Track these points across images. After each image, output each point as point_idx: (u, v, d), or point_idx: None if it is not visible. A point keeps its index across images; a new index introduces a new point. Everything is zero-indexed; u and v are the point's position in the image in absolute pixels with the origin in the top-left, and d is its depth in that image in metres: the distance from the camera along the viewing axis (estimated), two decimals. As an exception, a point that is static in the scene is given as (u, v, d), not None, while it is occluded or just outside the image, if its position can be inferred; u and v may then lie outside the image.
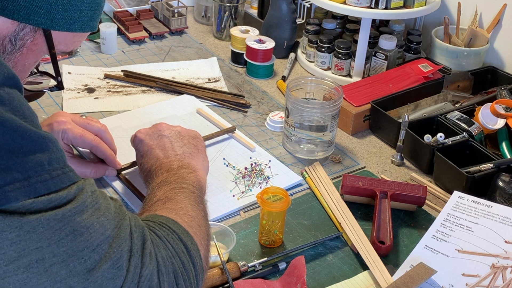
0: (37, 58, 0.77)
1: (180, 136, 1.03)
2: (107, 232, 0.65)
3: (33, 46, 0.74)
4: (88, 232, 0.63)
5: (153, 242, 0.70)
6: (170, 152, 0.99)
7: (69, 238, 0.62)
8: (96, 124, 1.11)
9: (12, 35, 0.72)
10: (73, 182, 0.64)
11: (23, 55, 0.74)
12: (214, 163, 1.20)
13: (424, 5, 1.44)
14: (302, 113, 1.22)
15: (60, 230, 0.61)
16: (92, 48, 1.61)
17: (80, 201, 0.64)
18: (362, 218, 1.09)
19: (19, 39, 0.72)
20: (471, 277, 0.93)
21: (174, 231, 0.75)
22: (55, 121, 1.07)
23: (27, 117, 0.62)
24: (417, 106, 1.37)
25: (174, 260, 0.71)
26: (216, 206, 1.09)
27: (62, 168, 0.64)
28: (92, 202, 0.65)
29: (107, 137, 1.12)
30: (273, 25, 1.61)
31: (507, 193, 1.07)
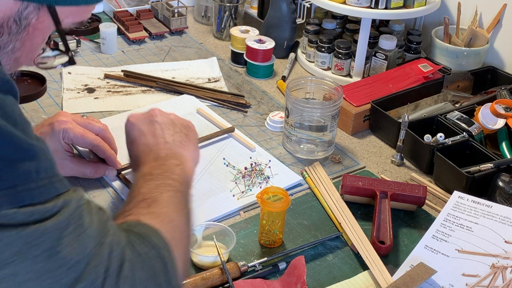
0: (44, 36, 0.76)
1: (172, 124, 1.01)
2: (86, 250, 0.63)
3: (39, 24, 0.73)
4: (66, 250, 0.61)
5: (132, 262, 0.67)
6: (159, 140, 0.96)
7: (45, 255, 0.60)
8: (97, 124, 1.11)
9: (16, 15, 0.70)
10: (60, 193, 0.63)
11: (30, 34, 0.72)
12: (214, 163, 1.20)
13: (424, 5, 1.44)
14: (302, 113, 1.22)
15: (38, 246, 0.59)
16: (92, 48, 1.61)
17: (63, 217, 0.62)
18: (362, 218, 1.09)
19: (24, 19, 0.71)
20: (471, 277, 0.93)
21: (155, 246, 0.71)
22: (56, 120, 1.06)
23: (18, 124, 0.61)
24: (417, 106, 1.37)
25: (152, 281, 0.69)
26: (216, 206, 1.09)
27: (49, 178, 0.62)
28: (75, 218, 0.63)
29: (108, 137, 1.12)
30: (273, 25, 1.61)
31: (507, 193, 1.07)
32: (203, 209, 1.07)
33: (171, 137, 0.98)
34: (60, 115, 1.08)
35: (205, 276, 0.92)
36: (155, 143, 0.96)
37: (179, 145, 0.97)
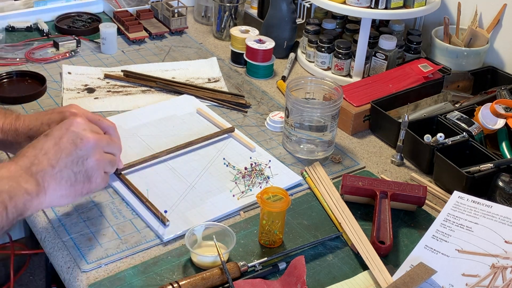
0: None
1: (77, 157, 0.91)
2: None
3: None
4: None
5: None
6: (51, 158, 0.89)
7: None
8: (107, 122, 1.07)
9: None
10: None
11: None
12: (214, 163, 1.20)
13: (424, 5, 1.44)
14: (302, 113, 1.22)
15: None
16: (92, 48, 1.61)
17: None
18: (362, 218, 1.09)
19: None
20: (471, 277, 0.93)
21: None
22: (68, 111, 1.03)
23: None
24: (417, 106, 1.37)
25: None
26: (216, 206, 1.09)
27: None
28: None
29: (115, 135, 1.10)
30: (273, 25, 1.61)
31: (507, 193, 1.07)
32: (203, 209, 1.08)
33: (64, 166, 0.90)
34: (72, 107, 1.05)
35: (205, 276, 0.92)
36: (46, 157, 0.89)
37: (54, 178, 0.89)
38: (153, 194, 1.10)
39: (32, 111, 1.32)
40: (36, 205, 0.88)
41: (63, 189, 0.90)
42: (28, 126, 1.01)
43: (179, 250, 1.00)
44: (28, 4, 1.73)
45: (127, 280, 0.93)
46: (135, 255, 0.99)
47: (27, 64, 1.51)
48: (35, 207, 0.88)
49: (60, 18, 1.71)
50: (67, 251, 0.98)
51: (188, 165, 1.19)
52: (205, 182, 1.14)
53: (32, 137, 0.98)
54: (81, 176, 0.92)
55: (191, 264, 0.97)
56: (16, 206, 0.84)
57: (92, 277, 0.94)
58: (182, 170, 1.17)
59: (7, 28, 1.65)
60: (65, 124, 0.93)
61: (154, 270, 0.96)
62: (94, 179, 0.94)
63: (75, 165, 0.91)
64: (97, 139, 0.94)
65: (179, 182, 1.14)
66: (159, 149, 1.20)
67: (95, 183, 0.94)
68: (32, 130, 1.01)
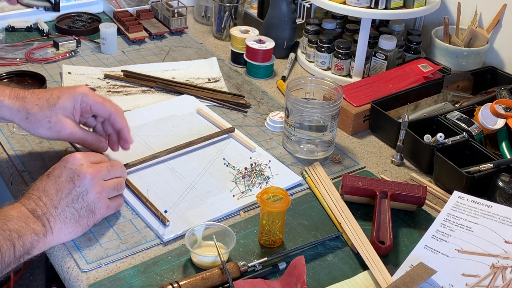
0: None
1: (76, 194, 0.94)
2: None
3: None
4: None
5: None
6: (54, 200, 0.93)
7: None
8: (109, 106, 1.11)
9: None
10: None
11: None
12: (214, 163, 1.20)
13: (424, 5, 1.44)
14: (302, 113, 1.22)
15: None
16: (92, 48, 1.61)
17: None
18: (362, 218, 1.09)
19: None
20: (471, 277, 0.93)
21: None
22: (78, 87, 1.08)
23: None
24: (417, 106, 1.37)
25: None
26: (216, 206, 1.09)
27: None
28: None
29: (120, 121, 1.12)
30: (273, 25, 1.61)
31: (507, 193, 1.07)
32: (203, 209, 1.08)
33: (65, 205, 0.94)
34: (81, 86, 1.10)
35: (205, 276, 0.92)
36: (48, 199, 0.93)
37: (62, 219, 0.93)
38: (153, 194, 1.10)
39: (32, 111, 1.32)
40: (43, 245, 0.91)
41: (69, 227, 0.94)
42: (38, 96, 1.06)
43: (179, 250, 1.00)
44: (28, 4, 1.74)
45: (127, 280, 0.93)
46: (135, 255, 0.99)
47: (27, 64, 1.51)
48: (42, 246, 0.91)
49: (60, 18, 1.71)
50: (67, 251, 0.98)
51: (188, 165, 1.19)
52: (205, 182, 1.14)
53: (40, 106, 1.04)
54: (84, 211, 0.95)
55: (191, 264, 0.97)
56: (24, 245, 0.87)
57: (92, 277, 0.94)
58: (182, 170, 1.17)
59: (7, 28, 1.65)
60: (63, 162, 0.96)
61: (154, 270, 0.96)
62: (97, 210, 0.97)
63: (76, 202, 0.94)
64: (94, 172, 0.96)
65: (179, 182, 1.14)
66: (159, 149, 1.20)
67: (100, 213, 0.98)
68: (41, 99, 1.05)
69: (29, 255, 0.90)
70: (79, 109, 1.08)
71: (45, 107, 1.05)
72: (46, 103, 1.05)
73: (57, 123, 1.06)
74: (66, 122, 1.06)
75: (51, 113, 1.05)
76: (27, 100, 1.05)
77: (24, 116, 1.05)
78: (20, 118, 1.05)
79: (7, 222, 0.87)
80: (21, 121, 1.06)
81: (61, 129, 1.06)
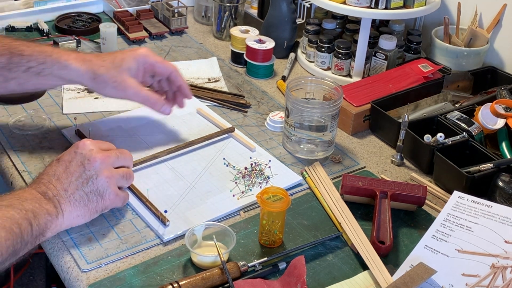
0: None
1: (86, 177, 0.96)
2: None
3: None
4: None
5: None
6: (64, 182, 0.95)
7: None
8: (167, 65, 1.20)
9: None
10: None
11: None
12: (214, 163, 1.20)
13: (424, 5, 1.44)
14: (302, 113, 1.22)
15: None
16: (92, 48, 1.61)
17: None
18: (362, 218, 1.09)
19: None
20: (471, 277, 0.93)
21: None
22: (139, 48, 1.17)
23: None
24: (417, 106, 1.37)
25: None
26: (216, 206, 1.09)
27: None
28: None
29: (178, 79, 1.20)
30: (273, 25, 1.61)
31: (507, 193, 1.07)
32: (203, 209, 1.08)
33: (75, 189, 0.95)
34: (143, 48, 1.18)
35: (205, 276, 0.92)
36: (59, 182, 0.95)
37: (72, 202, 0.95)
38: (153, 194, 1.10)
39: (32, 111, 1.32)
40: (55, 226, 0.93)
41: (78, 210, 0.96)
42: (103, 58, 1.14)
43: (179, 250, 1.00)
44: (28, 4, 1.73)
45: (127, 280, 0.93)
46: (135, 255, 0.99)
47: (27, 64, 1.50)
48: (55, 228, 0.93)
49: (60, 18, 1.71)
50: (67, 251, 0.98)
51: (188, 165, 1.19)
52: (205, 182, 1.14)
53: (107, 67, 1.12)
54: (94, 195, 0.97)
55: (191, 264, 0.97)
56: (39, 224, 0.89)
57: (92, 277, 0.94)
58: (182, 170, 1.17)
59: (7, 28, 1.65)
60: (73, 147, 0.99)
61: (154, 270, 0.96)
62: (107, 196, 0.98)
63: (85, 185, 0.96)
64: (103, 157, 0.98)
65: (179, 182, 1.14)
66: (159, 149, 1.20)
67: (109, 199, 0.99)
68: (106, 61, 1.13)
69: (44, 236, 0.91)
70: (142, 69, 1.15)
71: (111, 68, 1.11)
72: (112, 65, 1.12)
73: (122, 82, 1.12)
74: (131, 82, 1.13)
75: (116, 73, 1.11)
76: (93, 63, 1.11)
77: (92, 77, 1.11)
78: (88, 79, 1.11)
79: (23, 202, 0.89)
80: (88, 81, 1.12)
81: (126, 88, 1.12)
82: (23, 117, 1.30)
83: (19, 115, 1.30)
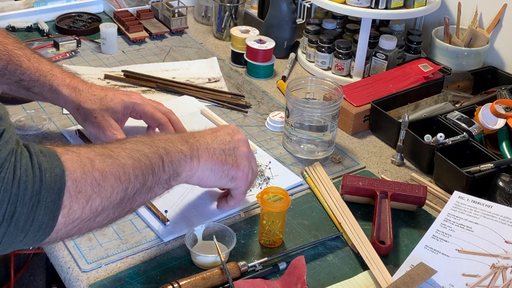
0: None
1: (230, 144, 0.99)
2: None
3: None
4: None
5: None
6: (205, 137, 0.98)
7: None
8: (164, 108, 1.19)
9: None
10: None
11: None
12: (214, 163, 1.20)
13: (424, 5, 1.44)
14: (302, 113, 1.22)
15: None
16: (92, 48, 1.61)
17: None
18: (362, 218, 1.09)
19: None
20: (471, 277, 0.93)
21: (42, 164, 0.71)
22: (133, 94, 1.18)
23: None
24: (417, 106, 1.37)
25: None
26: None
27: None
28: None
29: (174, 119, 1.19)
30: (273, 25, 1.61)
31: (507, 193, 1.07)
32: (203, 209, 1.08)
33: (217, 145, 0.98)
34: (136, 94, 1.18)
35: (205, 276, 0.92)
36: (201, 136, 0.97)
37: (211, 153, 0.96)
38: (153, 194, 1.10)
39: (33, 111, 1.32)
40: (189, 170, 0.92)
41: (214, 164, 0.96)
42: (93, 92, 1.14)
43: (179, 250, 1.00)
44: (28, 4, 1.73)
45: (127, 280, 0.93)
46: (135, 255, 0.99)
47: (27, 64, 1.50)
48: (189, 171, 0.92)
49: (60, 18, 1.71)
50: (67, 251, 0.98)
51: (188, 165, 1.19)
52: (205, 182, 1.14)
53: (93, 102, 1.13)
54: (231, 159, 0.98)
55: (191, 264, 0.97)
56: (172, 161, 0.88)
57: (92, 277, 0.94)
58: (182, 170, 1.17)
59: (7, 28, 1.65)
60: (218, 126, 1.04)
61: (154, 270, 0.96)
62: (242, 167, 0.99)
63: (227, 147, 0.98)
64: (246, 139, 1.03)
65: (179, 182, 1.14)
66: (159, 149, 1.20)
67: (242, 172, 0.99)
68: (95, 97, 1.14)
69: (179, 177, 0.91)
70: (128, 114, 1.17)
71: (96, 105, 1.13)
72: (99, 102, 1.13)
73: (102, 121, 1.12)
74: (111, 123, 1.13)
75: (100, 111, 1.13)
76: (82, 94, 1.13)
77: (76, 107, 1.13)
78: (72, 108, 1.14)
79: (154, 141, 0.89)
80: (71, 110, 1.14)
81: (104, 128, 1.13)
82: (23, 117, 1.30)
83: (19, 115, 1.30)
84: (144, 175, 0.83)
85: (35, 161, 0.72)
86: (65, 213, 0.73)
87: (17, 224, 0.69)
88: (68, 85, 1.13)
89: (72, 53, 1.56)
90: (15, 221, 0.69)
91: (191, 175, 0.94)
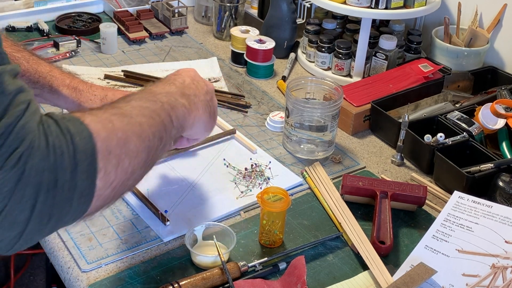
0: None
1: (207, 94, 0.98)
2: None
3: None
4: None
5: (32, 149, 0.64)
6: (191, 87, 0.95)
7: None
8: None
9: None
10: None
11: None
12: (214, 163, 1.20)
13: (424, 5, 1.44)
14: (302, 113, 1.22)
15: None
16: (92, 48, 1.61)
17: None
18: (362, 218, 1.09)
19: None
20: (471, 277, 0.93)
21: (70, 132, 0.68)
22: None
23: None
24: (417, 106, 1.37)
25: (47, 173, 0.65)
26: (216, 206, 1.09)
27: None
28: None
29: None
30: (273, 25, 1.61)
31: (507, 193, 1.07)
32: (203, 209, 1.08)
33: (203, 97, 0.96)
34: None
35: (205, 276, 0.92)
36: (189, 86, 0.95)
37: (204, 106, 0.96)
38: (153, 194, 1.10)
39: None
40: (191, 121, 0.92)
41: (206, 117, 0.96)
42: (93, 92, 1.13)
43: (179, 250, 1.00)
44: (28, 4, 1.73)
45: (127, 280, 0.93)
46: (135, 255, 0.99)
47: (27, 64, 1.50)
48: (191, 123, 0.92)
49: (60, 18, 1.71)
50: (67, 251, 0.98)
51: (188, 165, 1.19)
52: (205, 182, 1.14)
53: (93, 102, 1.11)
54: (212, 111, 0.98)
55: (191, 264, 0.97)
56: (177, 116, 0.87)
57: (92, 277, 0.94)
58: (182, 170, 1.17)
59: (7, 28, 1.65)
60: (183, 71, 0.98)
61: (154, 270, 0.96)
62: (215, 118, 1.00)
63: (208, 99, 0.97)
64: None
65: (179, 182, 1.14)
66: (159, 149, 1.20)
67: (215, 122, 1.01)
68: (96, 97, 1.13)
69: (183, 130, 0.91)
70: None
71: (97, 105, 1.11)
72: (99, 102, 1.12)
73: None
74: None
75: None
76: (83, 94, 1.12)
77: (76, 107, 1.12)
78: (72, 108, 1.12)
79: (155, 95, 0.86)
80: (72, 110, 1.12)
81: None
82: (23, 117, 1.30)
83: (19, 115, 1.30)
84: (160, 132, 0.82)
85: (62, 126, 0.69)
86: (101, 177, 0.70)
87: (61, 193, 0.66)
88: (68, 85, 1.12)
89: (72, 53, 1.56)
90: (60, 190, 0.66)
91: (190, 128, 0.94)
